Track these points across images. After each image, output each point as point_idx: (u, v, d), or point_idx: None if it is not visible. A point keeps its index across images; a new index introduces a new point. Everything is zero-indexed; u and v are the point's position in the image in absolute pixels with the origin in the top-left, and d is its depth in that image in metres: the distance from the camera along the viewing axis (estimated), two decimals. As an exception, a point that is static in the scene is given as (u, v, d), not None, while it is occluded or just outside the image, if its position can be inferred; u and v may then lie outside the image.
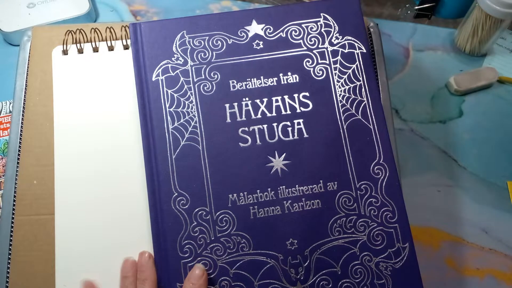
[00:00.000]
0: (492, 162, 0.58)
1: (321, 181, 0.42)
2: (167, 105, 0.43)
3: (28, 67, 0.47)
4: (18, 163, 0.44)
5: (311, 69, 0.45)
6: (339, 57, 0.45)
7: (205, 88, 0.44)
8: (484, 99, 0.63)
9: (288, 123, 0.43)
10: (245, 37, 0.45)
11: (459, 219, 0.54)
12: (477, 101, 0.63)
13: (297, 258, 0.41)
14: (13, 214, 0.43)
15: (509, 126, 0.61)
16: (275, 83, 0.44)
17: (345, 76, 0.45)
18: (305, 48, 0.45)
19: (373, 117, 0.44)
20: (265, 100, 0.44)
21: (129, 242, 0.42)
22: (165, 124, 0.43)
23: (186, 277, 0.40)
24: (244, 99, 0.44)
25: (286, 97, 0.44)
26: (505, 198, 0.56)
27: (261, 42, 0.45)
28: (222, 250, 0.40)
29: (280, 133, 0.43)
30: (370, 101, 0.44)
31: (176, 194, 0.41)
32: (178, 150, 0.42)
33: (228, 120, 0.43)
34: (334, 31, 0.46)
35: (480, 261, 0.52)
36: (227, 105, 0.43)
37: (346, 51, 0.46)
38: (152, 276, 0.40)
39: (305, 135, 0.43)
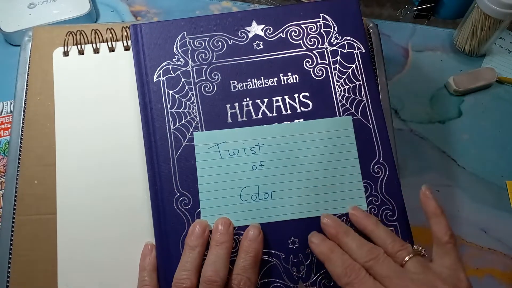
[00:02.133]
0: (491, 162, 0.58)
1: None
2: (169, 106, 0.43)
3: (29, 67, 0.47)
4: (19, 163, 0.44)
5: (311, 69, 0.45)
6: (338, 57, 0.46)
7: (206, 88, 0.44)
8: (483, 99, 0.63)
9: (289, 123, 0.43)
10: (245, 37, 0.45)
11: (458, 219, 0.55)
12: (476, 101, 0.63)
13: (299, 257, 0.41)
14: (14, 213, 0.43)
15: (508, 126, 0.61)
16: (275, 84, 0.44)
17: (345, 76, 0.45)
18: (304, 48, 0.46)
19: (373, 116, 0.44)
20: (265, 100, 0.44)
21: (132, 241, 0.42)
22: (167, 125, 0.43)
23: (213, 226, 0.40)
24: (245, 100, 0.44)
25: (286, 97, 0.44)
26: (504, 198, 0.56)
27: (261, 43, 0.45)
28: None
29: (280, 133, 0.43)
30: (369, 100, 0.45)
31: (178, 194, 0.41)
32: (180, 151, 0.42)
33: (229, 120, 0.43)
34: (333, 32, 0.46)
35: (479, 261, 0.52)
36: (228, 106, 0.43)
37: (345, 51, 0.46)
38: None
39: (306, 135, 0.43)
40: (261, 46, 0.45)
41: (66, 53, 0.48)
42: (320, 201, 0.42)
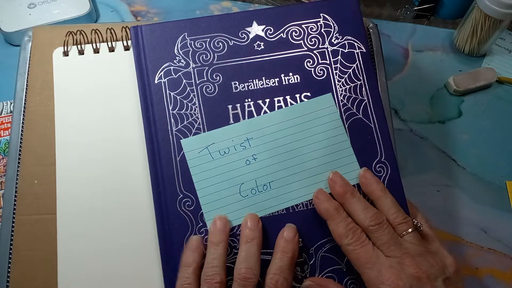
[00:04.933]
0: (491, 162, 0.58)
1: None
2: (170, 108, 0.43)
3: (29, 68, 0.47)
4: (19, 163, 0.44)
5: (312, 69, 0.45)
6: (339, 57, 0.46)
7: (208, 90, 0.44)
8: (483, 99, 0.63)
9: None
10: (246, 38, 0.45)
11: (458, 219, 0.55)
12: (476, 101, 0.63)
13: (303, 256, 0.41)
14: (14, 213, 0.43)
15: (508, 126, 0.61)
16: (276, 84, 0.44)
17: (346, 76, 0.45)
18: (305, 48, 0.46)
19: (374, 115, 0.44)
20: (267, 100, 0.44)
21: (133, 242, 0.42)
22: (169, 126, 0.43)
23: (242, 223, 0.40)
24: (246, 100, 0.44)
25: (288, 97, 0.44)
26: (504, 198, 0.56)
27: (262, 43, 0.45)
28: (228, 250, 0.40)
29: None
30: (370, 100, 0.45)
31: (182, 195, 0.41)
32: (182, 152, 0.42)
33: (231, 121, 0.43)
34: (334, 31, 0.46)
35: (479, 261, 0.52)
36: (229, 106, 0.43)
37: (346, 50, 0.46)
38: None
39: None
40: (262, 47, 0.45)
41: (66, 53, 0.48)
42: (320, 181, 0.42)
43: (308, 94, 0.44)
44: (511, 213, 0.55)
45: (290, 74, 0.45)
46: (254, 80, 0.44)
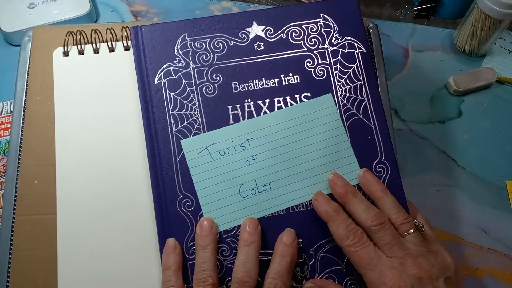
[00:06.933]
0: (491, 162, 0.58)
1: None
2: (170, 108, 0.43)
3: (29, 68, 0.47)
4: (19, 163, 0.44)
5: (312, 70, 0.45)
6: (339, 57, 0.46)
7: (208, 90, 0.44)
8: (483, 99, 0.63)
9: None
10: (246, 38, 0.45)
11: (458, 219, 0.55)
12: (476, 101, 0.63)
13: (302, 257, 0.41)
14: (14, 213, 0.43)
15: (508, 126, 0.61)
16: (276, 84, 0.44)
17: (346, 76, 0.45)
18: (305, 48, 0.46)
19: (374, 116, 0.44)
20: (267, 101, 0.44)
21: (133, 242, 0.42)
22: (169, 127, 0.43)
23: (241, 227, 0.40)
24: (246, 101, 0.44)
25: (287, 97, 0.44)
26: (504, 198, 0.56)
27: (262, 44, 0.45)
28: (228, 250, 0.40)
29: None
30: (370, 100, 0.45)
31: (181, 196, 0.41)
32: (182, 153, 0.42)
33: (231, 121, 0.43)
34: (334, 32, 0.46)
35: (479, 261, 0.52)
36: (229, 107, 0.43)
37: (346, 51, 0.46)
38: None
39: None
40: (262, 47, 0.45)
41: (66, 53, 0.48)
42: (320, 181, 0.42)
43: (308, 94, 0.44)
44: (511, 213, 0.55)
45: (290, 74, 0.45)
46: (254, 81, 0.44)
